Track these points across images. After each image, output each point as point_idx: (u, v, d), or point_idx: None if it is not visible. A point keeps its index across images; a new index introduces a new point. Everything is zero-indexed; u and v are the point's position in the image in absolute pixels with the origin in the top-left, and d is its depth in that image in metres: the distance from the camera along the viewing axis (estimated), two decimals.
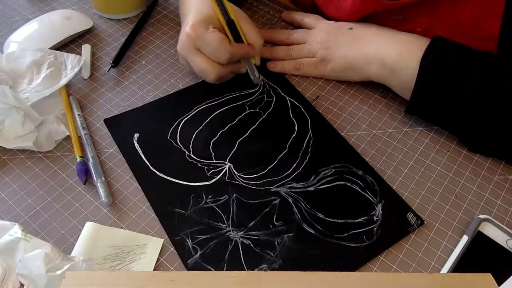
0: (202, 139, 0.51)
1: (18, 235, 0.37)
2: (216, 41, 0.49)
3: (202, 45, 0.50)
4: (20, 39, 0.60)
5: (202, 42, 0.49)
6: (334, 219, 0.45)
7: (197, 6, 0.52)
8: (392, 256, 0.43)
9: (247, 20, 0.53)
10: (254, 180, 0.47)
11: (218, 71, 0.51)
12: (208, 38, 0.49)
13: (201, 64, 0.51)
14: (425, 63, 0.47)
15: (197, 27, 0.49)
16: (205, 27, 0.49)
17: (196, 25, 0.49)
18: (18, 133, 0.49)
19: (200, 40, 0.49)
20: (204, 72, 0.51)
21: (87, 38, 0.63)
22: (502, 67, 0.45)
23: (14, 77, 0.54)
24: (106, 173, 0.48)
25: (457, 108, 0.47)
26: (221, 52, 0.49)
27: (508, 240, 0.43)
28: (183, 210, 0.45)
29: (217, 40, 0.49)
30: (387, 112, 0.55)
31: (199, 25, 0.49)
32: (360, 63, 0.53)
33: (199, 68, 0.51)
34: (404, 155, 0.51)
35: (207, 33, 0.49)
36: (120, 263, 0.41)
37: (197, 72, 0.53)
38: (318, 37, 0.56)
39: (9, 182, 0.47)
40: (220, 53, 0.49)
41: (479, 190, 0.48)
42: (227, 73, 0.53)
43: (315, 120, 0.53)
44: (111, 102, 0.55)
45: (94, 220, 0.45)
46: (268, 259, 0.42)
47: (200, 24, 0.49)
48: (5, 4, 0.68)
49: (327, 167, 0.49)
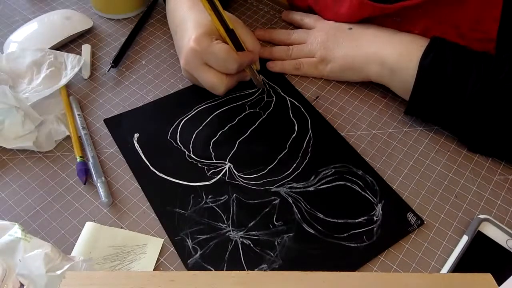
0: (202, 139, 0.51)
1: (18, 235, 0.37)
2: (224, 53, 0.48)
3: (210, 58, 0.48)
4: (20, 39, 0.60)
5: (209, 55, 0.48)
6: (334, 219, 0.45)
7: (194, 18, 0.51)
8: (392, 256, 0.43)
9: (243, 26, 0.52)
10: (254, 180, 0.47)
11: (227, 83, 0.50)
12: (215, 50, 0.48)
13: (210, 78, 0.50)
14: (424, 63, 0.47)
15: (202, 41, 0.48)
16: (210, 39, 0.48)
17: (201, 39, 0.48)
18: (18, 133, 0.49)
19: (207, 54, 0.48)
20: (214, 85, 0.50)
21: (87, 38, 0.63)
22: (501, 67, 0.45)
23: (14, 77, 0.54)
24: (106, 173, 0.48)
25: (457, 108, 0.47)
26: (230, 63, 0.49)
27: (508, 240, 0.43)
28: (183, 210, 0.45)
29: (225, 51, 0.48)
30: (387, 112, 0.55)
31: (204, 38, 0.48)
32: (360, 63, 0.53)
33: (208, 83, 0.50)
34: (404, 155, 0.51)
35: (213, 46, 0.48)
36: (120, 263, 0.41)
37: (205, 86, 0.51)
38: (318, 37, 0.56)
39: (9, 182, 0.47)
40: (229, 64, 0.49)
41: (479, 190, 0.48)
42: (235, 83, 0.53)
43: (315, 120, 0.53)
44: (111, 102, 0.55)
45: (94, 220, 0.45)
46: (268, 259, 0.42)
47: (204, 37, 0.48)
48: (5, 4, 0.68)
49: (327, 167, 0.49)
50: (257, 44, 0.53)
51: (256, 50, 0.53)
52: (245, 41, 0.52)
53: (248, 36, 0.52)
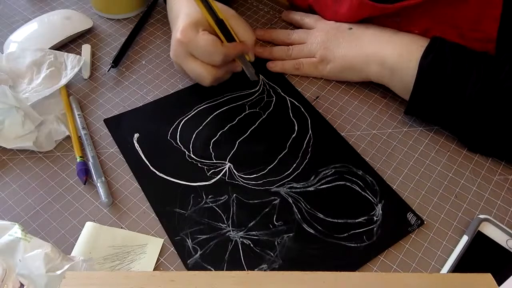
0: (202, 139, 0.51)
1: (18, 235, 0.37)
2: (208, 44, 0.48)
3: (195, 49, 0.49)
4: (20, 39, 0.60)
5: (194, 46, 0.49)
6: (334, 219, 0.45)
7: (185, 11, 0.51)
8: (392, 256, 0.43)
9: (236, 17, 0.52)
10: (254, 180, 0.47)
11: (214, 74, 0.51)
12: (199, 42, 0.48)
13: (195, 69, 0.50)
14: (424, 63, 0.47)
15: (187, 32, 0.48)
16: (195, 30, 0.48)
17: (186, 30, 0.48)
18: (18, 133, 0.49)
19: (192, 45, 0.49)
20: (200, 76, 0.51)
21: (87, 38, 0.63)
22: (501, 67, 0.45)
23: (14, 77, 0.54)
24: (106, 173, 0.48)
25: (457, 108, 0.47)
26: (214, 55, 0.49)
27: (508, 240, 0.43)
28: (183, 210, 0.45)
29: (208, 42, 0.48)
30: (387, 112, 0.55)
31: (189, 29, 0.48)
32: (360, 64, 0.53)
33: (194, 73, 0.51)
34: (404, 155, 0.51)
35: (198, 37, 0.48)
36: (120, 263, 0.41)
37: (192, 77, 0.52)
38: (318, 37, 0.56)
39: (9, 182, 0.47)
40: (213, 56, 0.49)
41: (479, 190, 0.48)
42: (223, 74, 0.53)
43: (315, 120, 0.53)
44: (111, 102, 0.55)
45: (94, 220, 0.45)
46: (268, 259, 0.42)
47: (190, 29, 0.48)
48: (5, 4, 0.68)
49: (327, 167, 0.49)
50: (250, 35, 0.52)
51: (249, 41, 0.52)
52: (238, 32, 0.51)
53: (241, 27, 0.52)
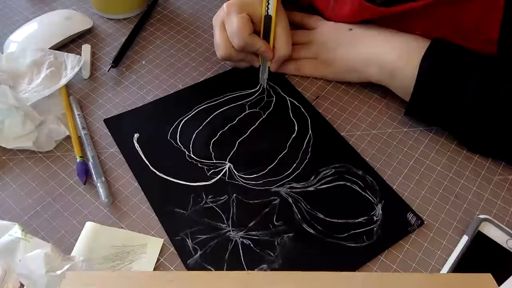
0: (202, 139, 0.51)
1: (18, 235, 0.37)
2: (238, 25, 0.51)
3: (227, 23, 0.52)
4: (20, 39, 0.60)
5: (227, 20, 0.52)
6: (334, 219, 0.45)
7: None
8: (392, 256, 0.43)
9: (284, 26, 0.54)
10: (254, 180, 0.47)
11: (229, 52, 0.53)
12: (233, 19, 0.51)
13: (217, 38, 0.54)
14: (424, 65, 0.47)
15: (232, 7, 0.52)
16: (239, 10, 0.52)
17: (232, 5, 0.52)
18: (18, 133, 0.49)
19: (227, 18, 0.52)
20: (218, 46, 0.54)
21: (87, 38, 0.63)
22: (501, 70, 0.45)
23: (14, 77, 0.54)
24: (106, 173, 0.48)
25: (457, 110, 0.47)
26: (237, 37, 0.51)
27: (508, 240, 0.43)
28: (183, 210, 0.45)
29: (239, 24, 0.51)
30: (387, 112, 0.55)
31: (235, 6, 0.52)
32: (360, 65, 0.53)
33: (216, 41, 0.54)
34: (404, 155, 0.51)
35: (235, 15, 0.51)
36: (120, 263, 0.41)
37: (214, 42, 0.55)
38: (318, 38, 0.56)
39: (9, 182, 0.47)
40: (236, 37, 0.51)
41: (479, 190, 0.48)
42: (239, 60, 0.56)
43: (315, 120, 0.53)
44: (111, 102, 0.55)
45: (94, 220, 0.45)
46: (268, 259, 0.42)
47: (236, 5, 0.52)
48: (5, 4, 0.68)
49: (327, 167, 0.49)
50: (286, 49, 0.54)
51: (281, 53, 0.54)
52: (278, 39, 0.54)
53: (282, 37, 0.54)
